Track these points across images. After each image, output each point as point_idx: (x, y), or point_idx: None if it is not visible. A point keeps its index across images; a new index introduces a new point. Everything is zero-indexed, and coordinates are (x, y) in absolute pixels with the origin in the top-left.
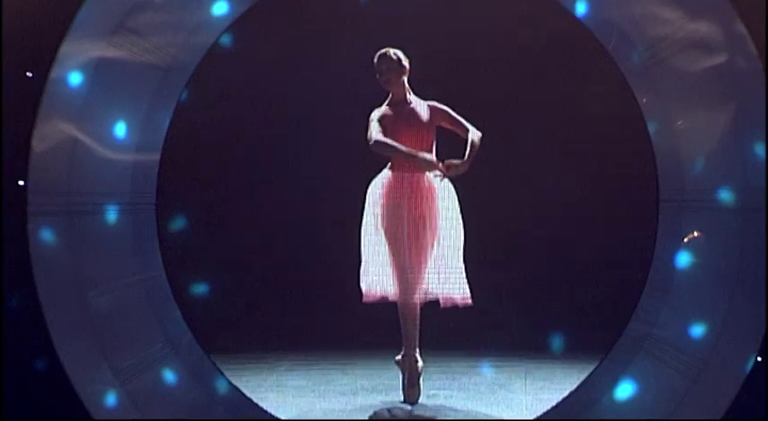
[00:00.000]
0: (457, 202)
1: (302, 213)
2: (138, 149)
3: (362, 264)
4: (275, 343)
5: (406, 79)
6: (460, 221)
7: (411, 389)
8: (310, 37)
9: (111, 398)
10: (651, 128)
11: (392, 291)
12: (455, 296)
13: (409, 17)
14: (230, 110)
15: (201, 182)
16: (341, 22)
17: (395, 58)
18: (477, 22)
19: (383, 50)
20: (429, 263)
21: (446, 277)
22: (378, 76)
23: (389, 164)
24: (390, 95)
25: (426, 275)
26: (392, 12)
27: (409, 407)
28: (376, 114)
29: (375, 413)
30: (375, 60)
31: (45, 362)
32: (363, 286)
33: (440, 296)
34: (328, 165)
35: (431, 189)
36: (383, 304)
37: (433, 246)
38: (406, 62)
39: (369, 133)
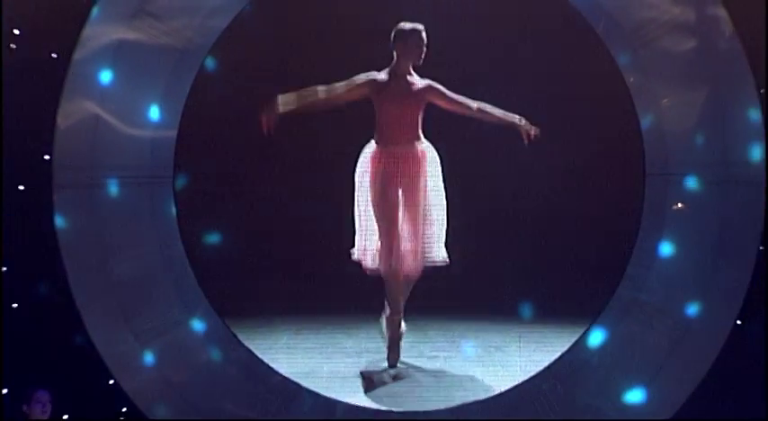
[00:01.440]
0: (441, 174)
1: (315, 184)
2: (157, 125)
3: (356, 234)
4: (286, 307)
5: (421, 58)
6: (442, 192)
7: (392, 352)
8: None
9: (133, 360)
10: (638, 106)
11: (379, 260)
12: (437, 260)
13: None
14: (247, 83)
15: (218, 155)
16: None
17: (419, 34)
18: (466, 2)
19: (420, 26)
20: (415, 231)
21: (430, 244)
22: (413, 47)
23: (375, 137)
24: (397, 66)
25: (412, 243)
26: None
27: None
28: (363, 77)
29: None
30: (410, 33)
31: (71, 328)
32: (355, 255)
33: (425, 261)
34: (344, 132)
35: (416, 161)
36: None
37: (418, 215)
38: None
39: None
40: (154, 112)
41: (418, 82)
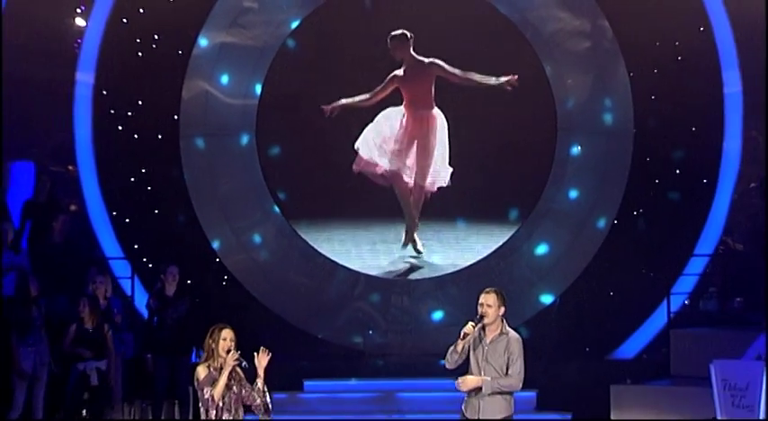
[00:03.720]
0: (446, 130)
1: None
2: (245, 97)
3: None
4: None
5: (411, 48)
6: (446, 140)
7: (407, 236)
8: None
9: (229, 246)
10: (552, 84)
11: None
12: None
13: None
14: (301, 70)
15: (289, 117)
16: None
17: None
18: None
19: (401, 31)
20: (426, 163)
21: (437, 172)
22: (401, 44)
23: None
24: (403, 61)
25: (422, 171)
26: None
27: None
28: (389, 77)
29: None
30: (395, 35)
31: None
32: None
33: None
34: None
35: (433, 119)
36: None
37: (430, 154)
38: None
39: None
40: (243, 89)
41: (425, 61)
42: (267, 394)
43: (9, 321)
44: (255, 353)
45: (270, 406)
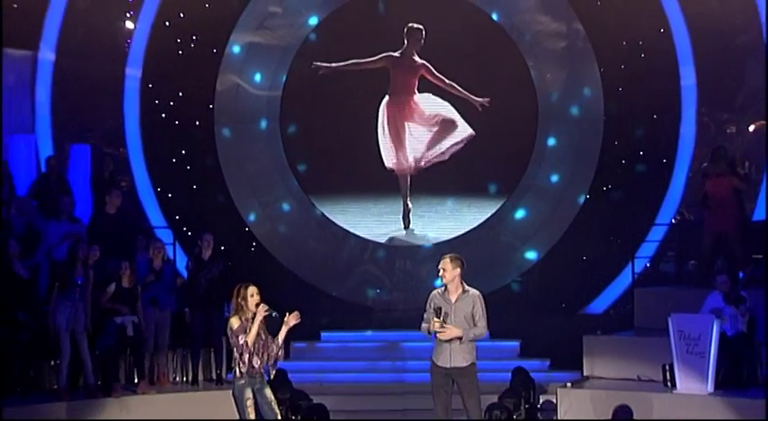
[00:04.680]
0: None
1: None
2: (270, 88)
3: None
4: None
5: (419, 46)
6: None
7: (405, 219)
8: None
9: (257, 217)
10: (533, 77)
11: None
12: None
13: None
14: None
15: (308, 105)
16: None
17: (420, 31)
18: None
19: (421, 26)
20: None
21: (432, 153)
22: (416, 38)
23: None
24: (408, 49)
25: (419, 154)
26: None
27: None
28: (384, 54)
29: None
30: (415, 29)
31: (227, 199)
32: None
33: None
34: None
35: (415, 105)
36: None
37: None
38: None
39: None
40: (268, 81)
41: (418, 60)
42: (282, 349)
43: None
44: (288, 313)
45: (281, 357)
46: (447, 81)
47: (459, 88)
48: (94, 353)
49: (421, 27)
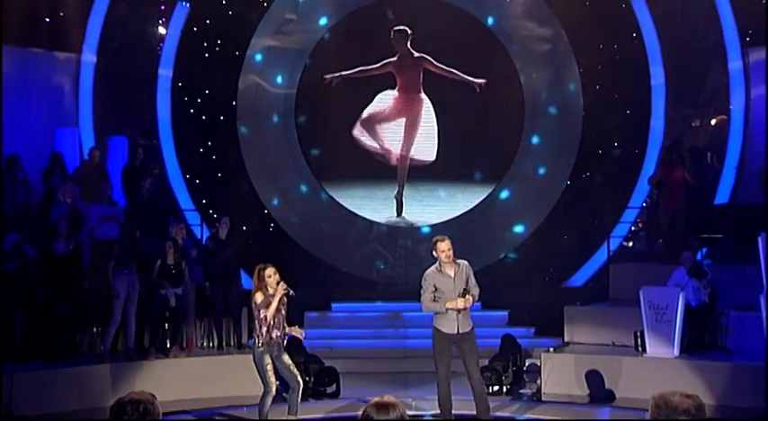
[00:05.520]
0: (432, 112)
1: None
2: (286, 87)
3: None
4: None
5: (408, 43)
6: (434, 119)
7: (398, 208)
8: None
9: (275, 201)
10: (522, 79)
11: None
12: (430, 156)
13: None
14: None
15: (321, 101)
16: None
17: (406, 31)
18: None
19: (404, 27)
20: (412, 138)
21: (421, 146)
22: (402, 37)
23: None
24: (400, 51)
25: (407, 145)
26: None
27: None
28: (385, 61)
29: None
30: (398, 30)
31: (248, 185)
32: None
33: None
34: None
35: (419, 102)
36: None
37: (416, 129)
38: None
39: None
40: (284, 80)
41: (416, 55)
42: (287, 337)
43: (109, 255)
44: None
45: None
46: (446, 68)
47: (459, 73)
48: (139, 321)
49: (404, 28)
